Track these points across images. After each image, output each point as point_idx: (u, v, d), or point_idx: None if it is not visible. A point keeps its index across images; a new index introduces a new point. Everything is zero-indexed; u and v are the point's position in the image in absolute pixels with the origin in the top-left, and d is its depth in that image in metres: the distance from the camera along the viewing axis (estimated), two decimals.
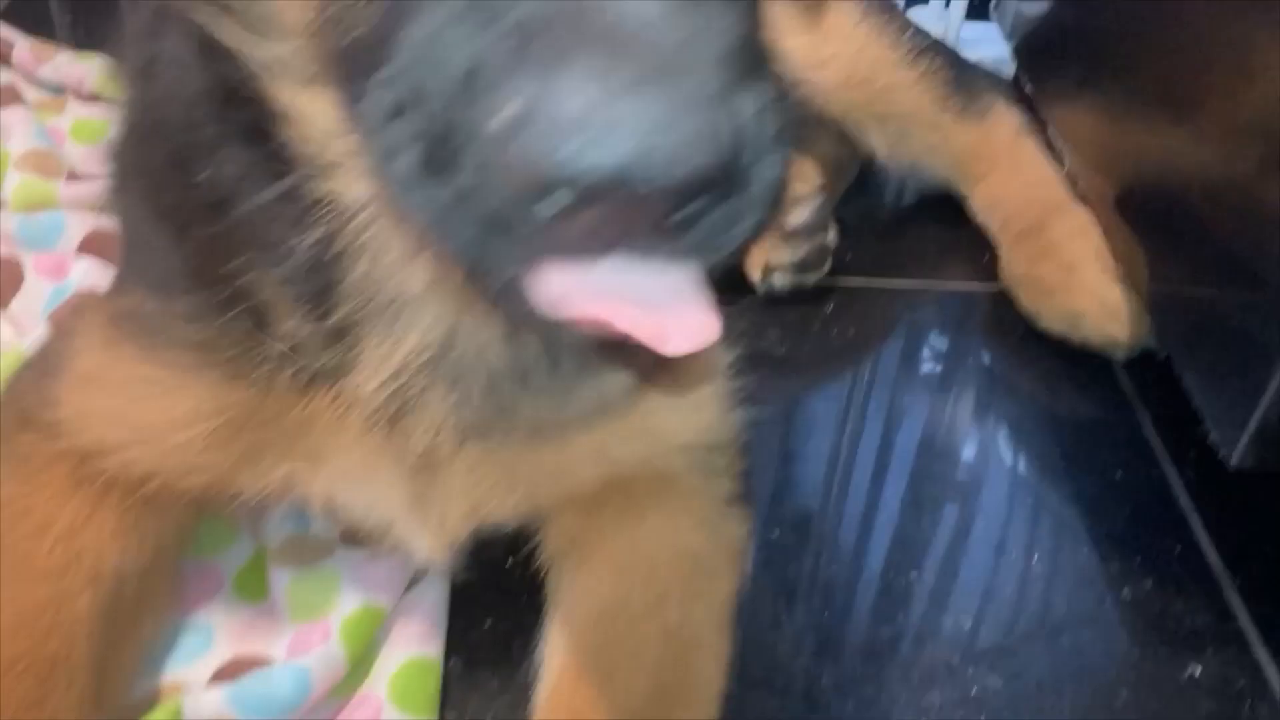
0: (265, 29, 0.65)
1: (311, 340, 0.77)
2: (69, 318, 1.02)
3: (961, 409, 1.27)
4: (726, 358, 0.92)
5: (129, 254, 0.90)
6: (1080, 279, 1.30)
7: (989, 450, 1.22)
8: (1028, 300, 1.36)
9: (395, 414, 0.79)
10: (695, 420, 0.90)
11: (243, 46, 0.67)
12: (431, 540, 0.87)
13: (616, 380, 0.84)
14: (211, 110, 0.71)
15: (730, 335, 0.66)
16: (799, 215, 1.34)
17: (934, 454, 1.20)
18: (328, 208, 0.71)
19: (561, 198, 0.44)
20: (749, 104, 0.47)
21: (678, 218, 0.47)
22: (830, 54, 1.35)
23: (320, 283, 0.74)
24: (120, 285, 0.89)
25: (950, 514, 1.14)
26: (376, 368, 0.78)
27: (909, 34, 1.36)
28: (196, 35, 0.68)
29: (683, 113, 0.43)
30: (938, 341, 1.37)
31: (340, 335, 0.77)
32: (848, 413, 1.25)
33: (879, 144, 1.42)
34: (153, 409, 0.82)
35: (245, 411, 0.81)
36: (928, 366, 1.33)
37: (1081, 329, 1.30)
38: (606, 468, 0.88)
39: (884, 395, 1.28)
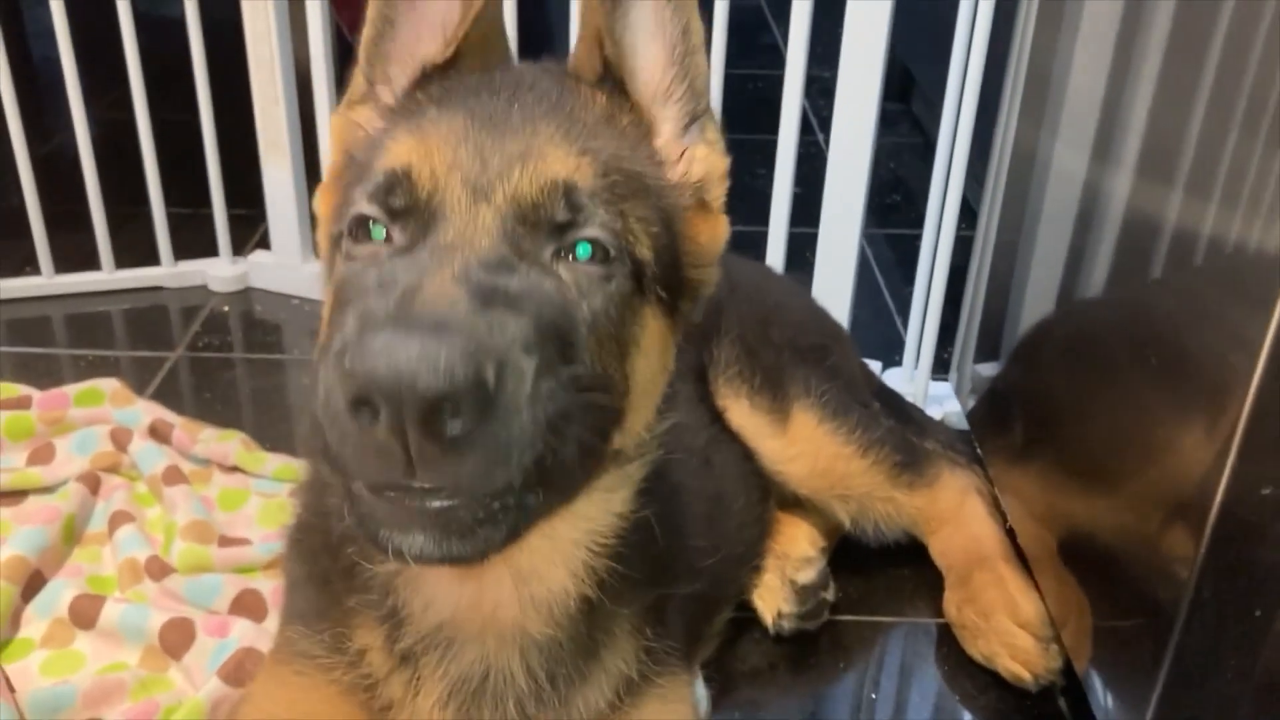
0: None
1: (391, 671, 1.13)
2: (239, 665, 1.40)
3: None
4: (690, 682, 1.24)
5: (288, 606, 1.28)
6: (993, 625, 1.61)
7: None
8: (960, 639, 1.68)
9: None
10: None
11: None
12: None
13: (601, 692, 1.15)
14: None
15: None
16: (807, 574, 1.69)
17: None
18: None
19: (361, 401, 0.72)
20: (500, 344, 0.76)
21: (453, 430, 0.72)
22: (796, 452, 1.70)
23: (395, 624, 1.11)
24: (280, 630, 1.27)
25: None
26: (433, 692, 1.12)
27: (859, 431, 1.71)
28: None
29: (429, 349, 0.71)
30: (908, 672, 1.68)
31: (407, 664, 1.12)
32: None
33: (843, 515, 1.76)
34: (298, 707, 1.18)
35: (354, 709, 1.16)
36: (902, 697, 1.64)
37: (995, 665, 1.62)
38: None
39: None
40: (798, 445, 1.69)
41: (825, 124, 2.31)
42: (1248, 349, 1.11)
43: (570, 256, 0.90)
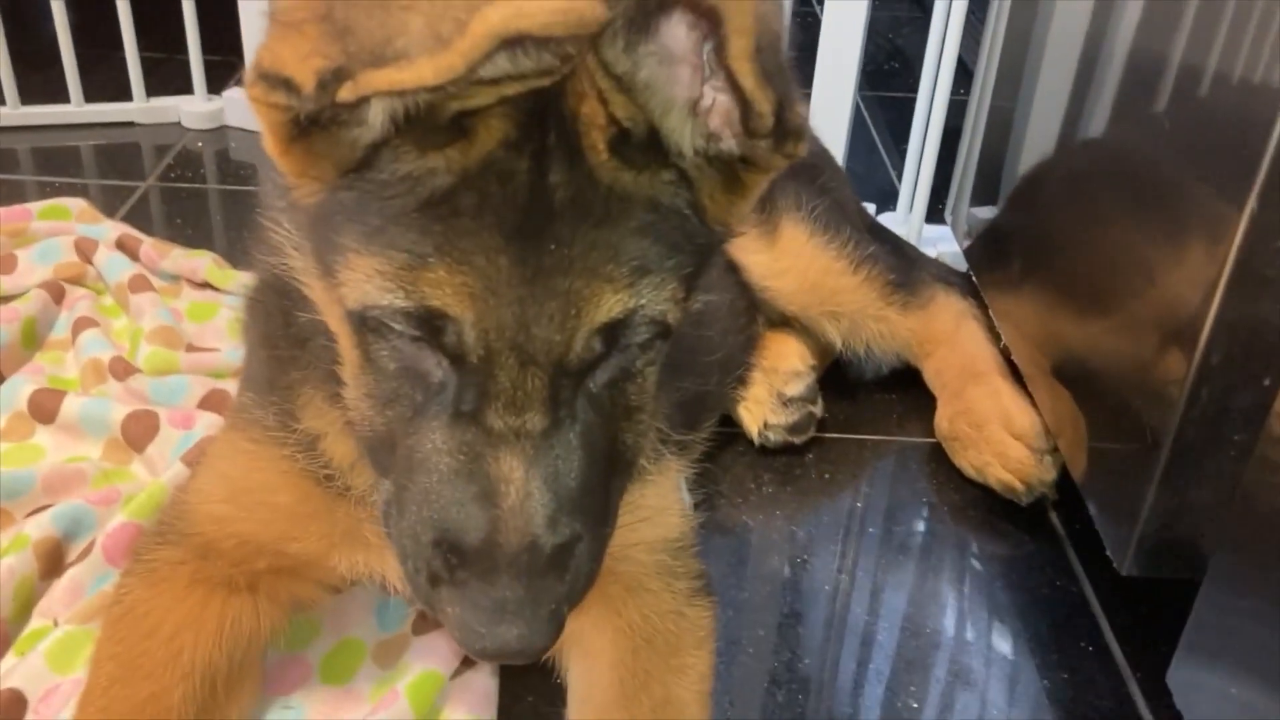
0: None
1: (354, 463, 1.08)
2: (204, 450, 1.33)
3: (915, 543, 1.53)
4: (685, 478, 1.20)
5: (245, 370, 1.23)
6: (986, 435, 1.58)
7: (941, 573, 1.48)
8: (949, 452, 1.64)
9: None
10: (657, 526, 1.17)
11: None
12: None
13: None
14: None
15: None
16: (795, 387, 1.64)
17: (896, 580, 1.47)
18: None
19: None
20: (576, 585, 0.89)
21: None
22: (785, 266, 1.65)
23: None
24: (238, 394, 1.21)
25: (903, 612, 1.40)
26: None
27: (851, 246, 1.66)
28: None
29: (533, 629, 0.86)
30: (897, 486, 1.64)
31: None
32: (833, 538, 1.52)
33: (834, 335, 1.70)
34: (252, 476, 1.13)
35: (313, 487, 1.11)
36: (890, 508, 1.60)
37: (986, 477, 1.58)
38: None
39: (857, 530, 1.54)
40: (786, 259, 1.64)
41: None
42: (1249, 167, 1.10)
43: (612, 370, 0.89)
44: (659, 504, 1.18)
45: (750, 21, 0.70)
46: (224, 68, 2.55)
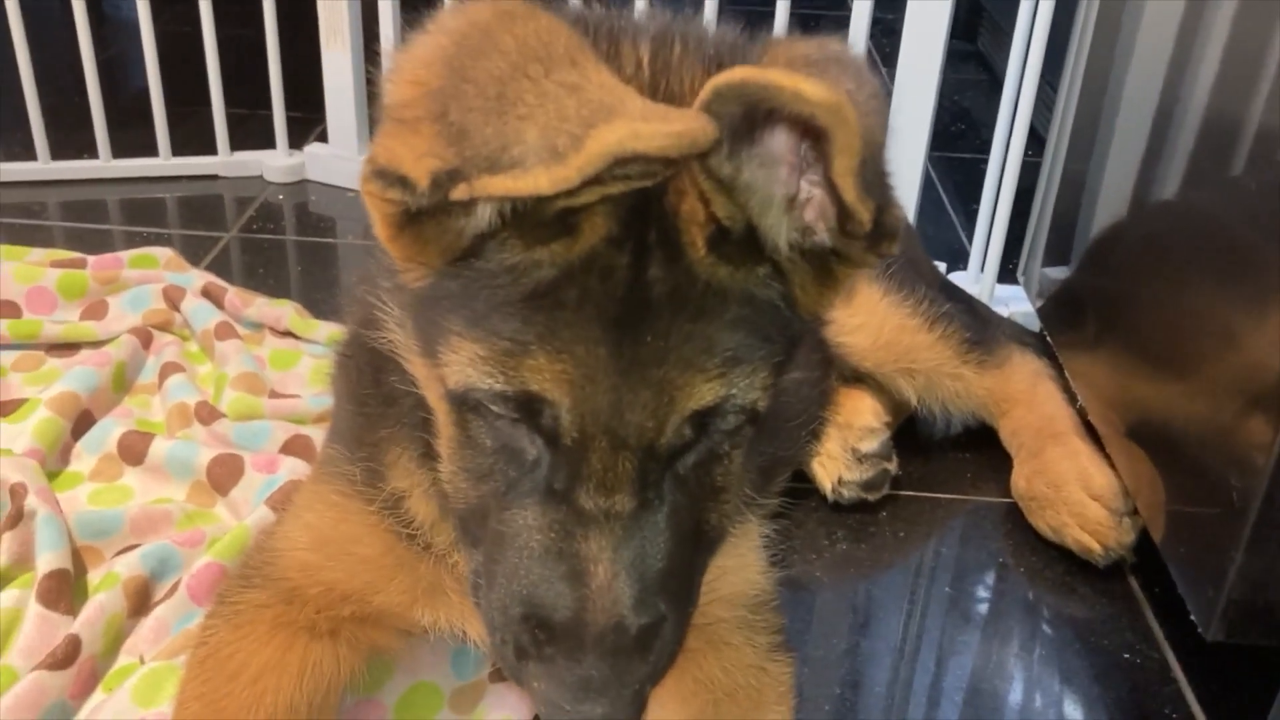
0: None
1: (435, 522, 1.10)
2: (287, 494, 1.36)
3: (987, 603, 1.52)
4: (763, 532, 1.21)
5: (334, 423, 1.25)
6: (1063, 496, 1.56)
7: (1013, 635, 1.46)
8: (1026, 512, 1.62)
9: None
10: (736, 581, 1.17)
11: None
12: None
13: None
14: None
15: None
16: (869, 444, 1.64)
17: (966, 641, 1.45)
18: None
19: None
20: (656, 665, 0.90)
21: None
22: (859, 323, 1.65)
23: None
24: (325, 446, 1.23)
25: (974, 673, 1.38)
26: None
27: (926, 303, 1.66)
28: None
29: (616, 711, 0.87)
30: (971, 545, 1.63)
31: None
32: (905, 596, 1.51)
33: (909, 392, 1.70)
34: (338, 528, 1.15)
35: (396, 542, 1.12)
36: (963, 567, 1.58)
37: (1063, 538, 1.56)
38: None
39: (929, 589, 1.53)
40: (861, 315, 1.65)
41: (889, 60, 2.28)
42: None
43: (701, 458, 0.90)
44: (739, 562, 1.18)
45: (857, 142, 0.70)
46: (305, 124, 2.62)
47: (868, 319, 1.65)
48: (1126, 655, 1.42)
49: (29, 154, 2.42)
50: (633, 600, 0.86)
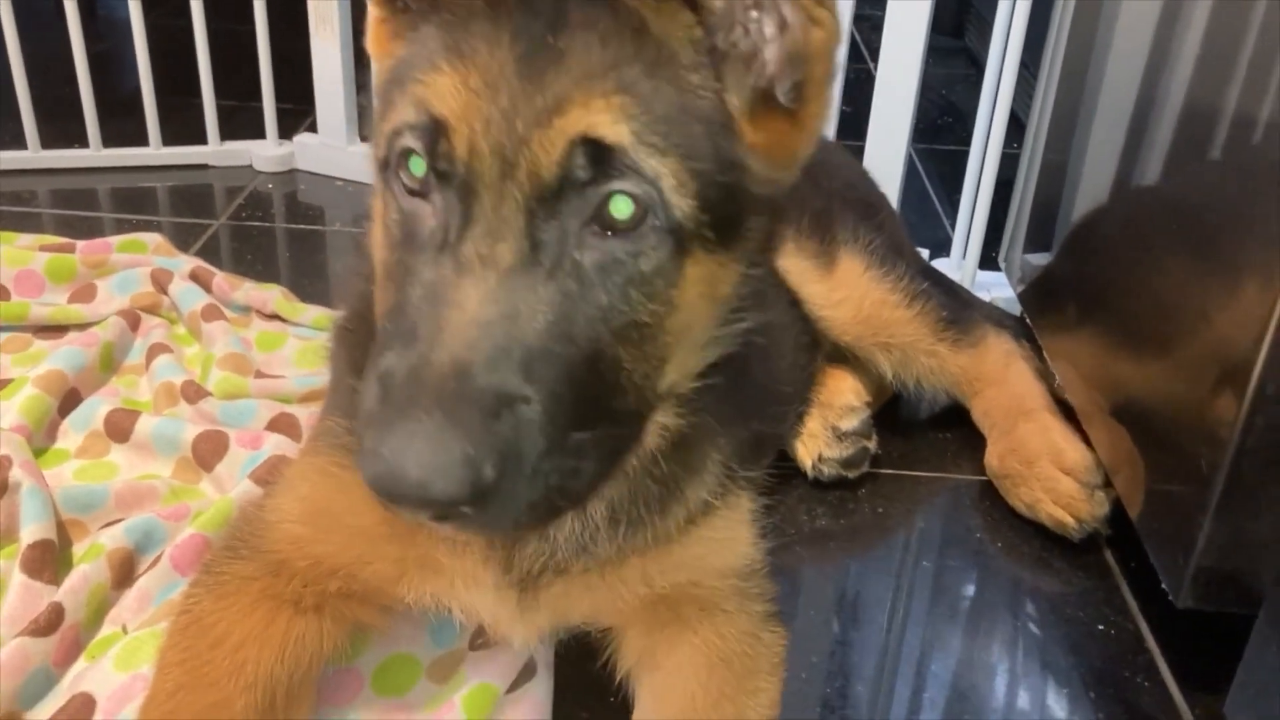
0: None
1: None
2: (273, 468, 1.37)
3: (966, 579, 1.54)
4: (752, 507, 1.22)
5: (330, 397, 1.26)
6: (1036, 471, 1.58)
7: (992, 609, 1.48)
8: (1001, 490, 1.64)
9: (506, 547, 1.10)
10: (726, 553, 1.18)
11: None
12: (525, 634, 1.17)
13: (674, 521, 1.13)
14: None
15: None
16: (850, 422, 1.66)
17: (946, 615, 1.47)
18: None
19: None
20: (504, 434, 0.79)
21: (465, 510, 0.80)
22: (841, 297, 1.67)
23: None
24: (321, 416, 1.24)
25: (954, 647, 1.40)
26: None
27: (905, 280, 1.68)
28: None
29: (436, 461, 0.77)
30: (949, 521, 1.65)
31: None
32: (884, 571, 1.53)
33: (885, 367, 1.72)
34: (334, 499, 1.14)
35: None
36: (942, 543, 1.60)
37: (1037, 513, 1.58)
38: (652, 589, 1.15)
39: (908, 564, 1.55)
40: (843, 290, 1.66)
41: (875, 53, 2.32)
42: None
43: (600, 225, 0.85)
44: (728, 534, 1.19)
45: None
46: (295, 115, 2.63)
47: (849, 293, 1.67)
48: (1101, 626, 1.44)
49: (19, 144, 2.43)
50: (486, 353, 0.80)
